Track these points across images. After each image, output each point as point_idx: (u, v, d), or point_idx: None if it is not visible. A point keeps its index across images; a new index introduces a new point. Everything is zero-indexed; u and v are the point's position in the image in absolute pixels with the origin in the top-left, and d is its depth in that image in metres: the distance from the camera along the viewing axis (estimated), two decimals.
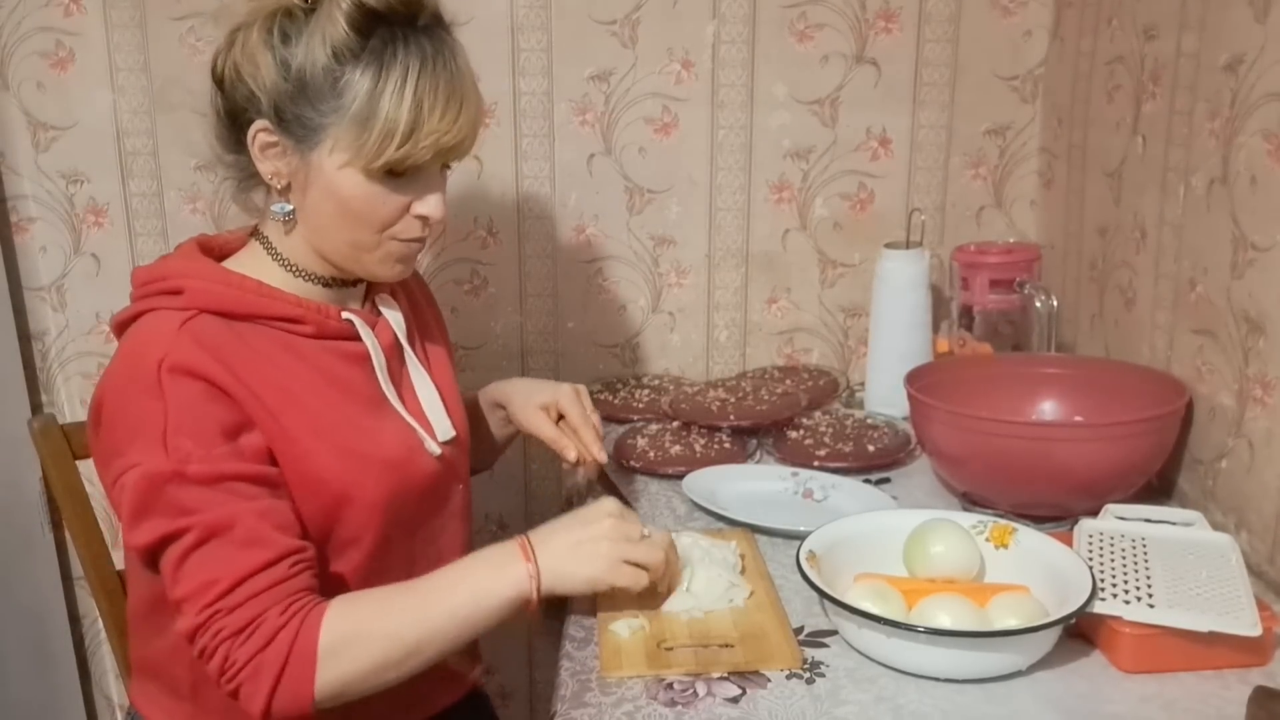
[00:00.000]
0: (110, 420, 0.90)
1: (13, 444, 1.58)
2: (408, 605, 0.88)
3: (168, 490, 0.85)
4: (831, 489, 1.26)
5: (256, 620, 0.84)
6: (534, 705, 1.86)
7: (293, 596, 0.86)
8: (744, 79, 1.60)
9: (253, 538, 0.85)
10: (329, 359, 1.00)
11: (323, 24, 0.90)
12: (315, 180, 0.94)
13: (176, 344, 0.89)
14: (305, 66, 0.90)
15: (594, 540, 0.92)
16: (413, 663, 0.88)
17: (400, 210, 0.96)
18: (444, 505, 1.08)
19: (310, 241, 0.99)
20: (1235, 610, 0.86)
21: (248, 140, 0.94)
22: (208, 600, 0.84)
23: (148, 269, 0.98)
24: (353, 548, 0.98)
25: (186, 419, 0.87)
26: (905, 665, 0.88)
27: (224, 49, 0.95)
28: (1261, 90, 1.04)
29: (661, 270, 1.68)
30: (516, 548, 0.91)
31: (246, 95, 0.93)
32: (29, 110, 1.60)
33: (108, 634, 1.26)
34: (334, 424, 0.97)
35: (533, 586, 0.89)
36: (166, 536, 0.86)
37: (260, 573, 0.85)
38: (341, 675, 0.84)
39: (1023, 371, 1.32)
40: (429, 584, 0.90)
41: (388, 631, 0.86)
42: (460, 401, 1.13)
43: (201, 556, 0.85)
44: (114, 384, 0.90)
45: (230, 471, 0.87)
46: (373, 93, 0.89)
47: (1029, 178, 1.64)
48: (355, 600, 0.89)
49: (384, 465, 0.99)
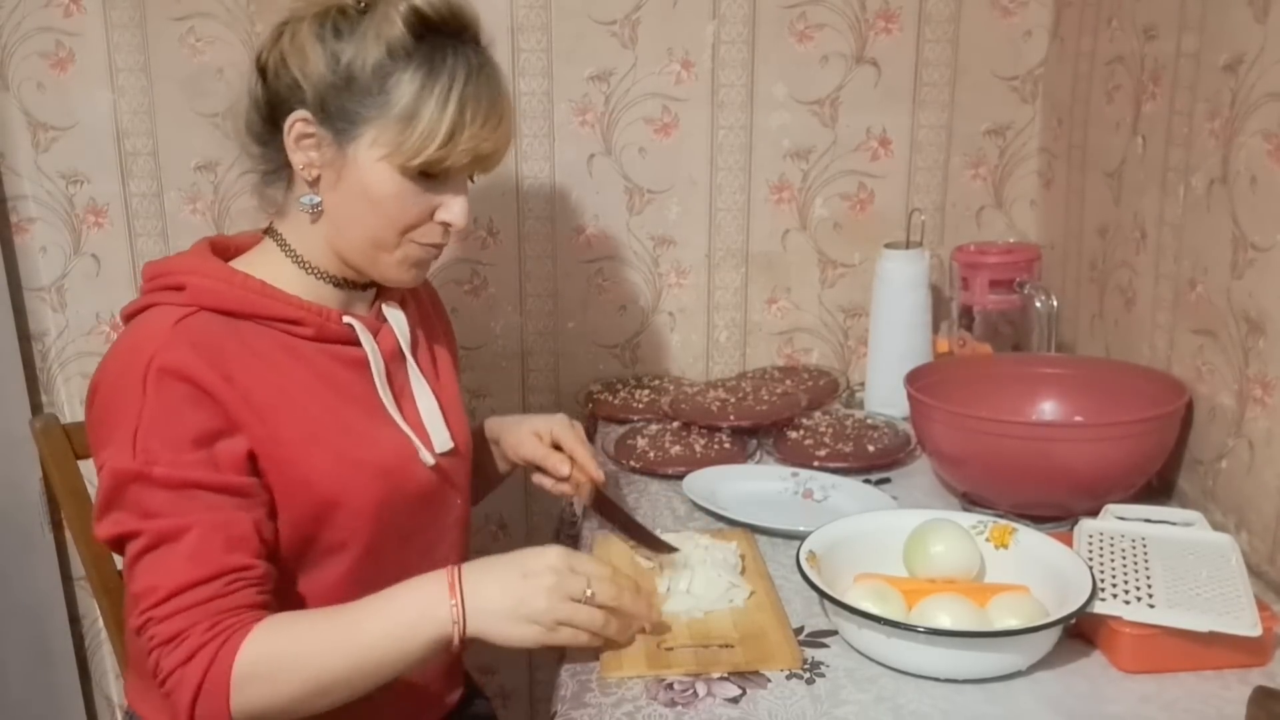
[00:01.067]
0: (98, 411, 0.91)
1: (13, 444, 1.58)
2: (329, 638, 0.86)
3: (131, 489, 0.87)
4: (831, 489, 1.26)
5: (182, 634, 0.85)
6: (534, 705, 1.86)
7: (221, 615, 0.86)
8: (744, 79, 1.60)
9: (197, 551, 0.86)
10: (327, 362, 1.00)
11: (378, 23, 0.93)
12: (348, 173, 0.96)
13: (169, 343, 0.90)
14: (355, 61, 0.93)
15: (530, 597, 0.86)
16: (333, 697, 0.86)
17: (425, 213, 0.98)
18: (441, 515, 1.08)
19: (330, 238, 1.00)
20: (1235, 610, 0.86)
21: (284, 130, 0.95)
22: (147, 605, 0.85)
23: (157, 264, 1.00)
24: (341, 552, 0.99)
25: (160, 421, 0.88)
26: (905, 665, 0.88)
27: (270, 41, 0.97)
28: (1261, 90, 1.04)
29: (661, 270, 1.68)
30: (445, 586, 0.87)
31: (290, 84, 0.95)
32: (29, 110, 1.60)
33: (108, 634, 1.26)
34: (327, 427, 0.97)
35: (455, 632, 0.86)
36: (123, 535, 0.88)
37: (195, 587, 0.85)
38: (257, 702, 0.84)
39: (1023, 371, 1.32)
40: (353, 615, 0.87)
41: (305, 663, 0.85)
42: (463, 413, 1.13)
43: (150, 561, 0.87)
44: (108, 376, 0.92)
45: (194, 479, 0.87)
46: (419, 93, 0.92)
47: (1029, 178, 1.64)
48: (279, 626, 0.87)
49: (375, 471, 0.99)
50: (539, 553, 0.89)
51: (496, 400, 1.72)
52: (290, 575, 0.97)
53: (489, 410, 1.72)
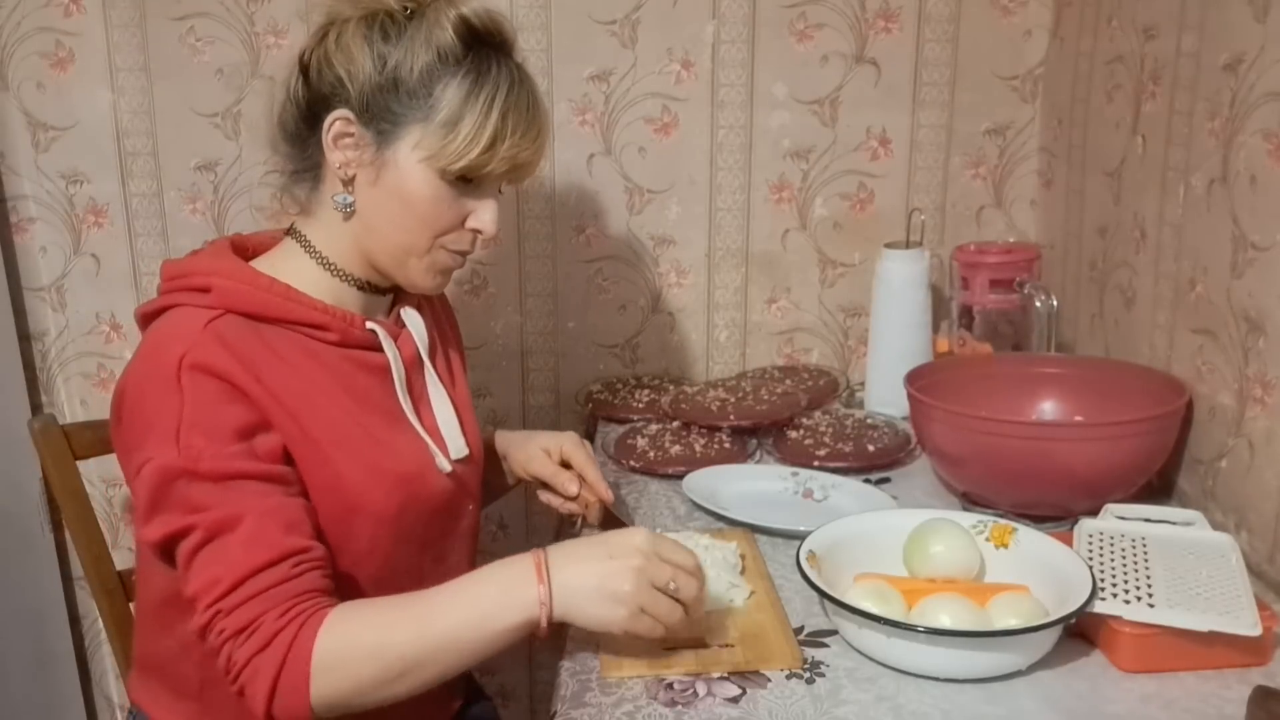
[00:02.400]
0: (130, 414, 0.90)
1: (13, 444, 1.58)
2: (410, 621, 0.84)
3: (178, 486, 0.86)
4: (831, 489, 1.26)
5: (255, 622, 0.83)
6: (534, 705, 1.86)
7: (293, 599, 0.84)
8: (744, 79, 1.60)
9: (256, 536, 0.85)
10: (350, 367, 1.00)
11: (428, 29, 0.94)
12: (387, 174, 0.96)
13: (199, 342, 0.89)
14: (403, 64, 0.94)
15: (617, 578, 0.84)
16: (413, 680, 0.84)
17: (458, 220, 1.00)
18: (455, 523, 1.08)
19: (360, 239, 1.00)
20: (1235, 610, 0.86)
21: (322, 128, 0.96)
22: (211, 599, 0.84)
23: (177, 264, 0.99)
24: (363, 560, 0.98)
25: (202, 416, 0.87)
26: (905, 665, 0.88)
27: (314, 41, 0.98)
28: (1261, 90, 1.04)
29: (661, 270, 1.68)
30: (531, 568, 0.85)
31: (333, 83, 0.96)
32: (29, 110, 1.60)
33: (108, 634, 1.26)
34: (350, 433, 0.97)
35: (543, 614, 0.84)
36: (175, 533, 0.86)
37: (261, 572, 0.84)
38: (337, 688, 0.82)
39: (1023, 371, 1.32)
40: (435, 599, 0.86)
41: (386, 647, 0.83)
42: (475, 418, 1.13)
43: (208, 554, 0.85)
44: (135, 378, 0.91)
45: (241, 469, 0.87)
46: (466, 100, 0.94)
47: (1029, 178, 1.64)
48: (357, 610, 0.86)
49: (396, 479, 0.99)
50: (627, 533, 0.88)
51: (497, 400, 1.72)
52: None
53: (489, 410, 1.72)
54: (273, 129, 1.02)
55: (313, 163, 1.00)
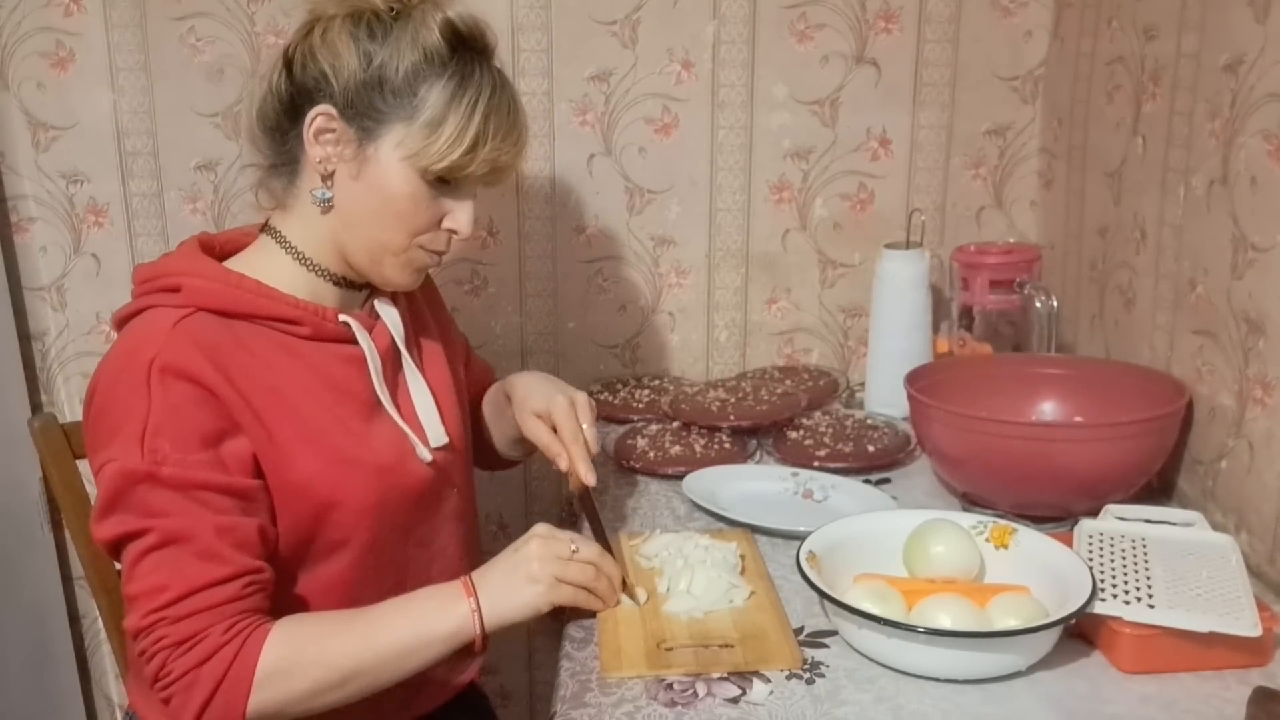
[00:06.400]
0: (98, 413, 0.91)
1: (13, 444, 1.58)
2: (350, 635, 0.90)
3: (139, 490, 0.87)
4: (831, 489, 1.26)
5: (199, 635, 0.85)
6: (534, 705, 1.86)
7: (239, 616, 0.87)
8: (744, 79, 1.60)
9: (210, 551, 0.87)
10: (325, 361, 1.00)
11: (415, 29, 0.95)
12: (367, 171, 0.97)
13: (169, 343, 0.90)
14: (388, 63, 0.95)
15: (524, 563, 0.94)
16: (348, 691, 0.89)
17: (435, 219, 1.00)
18: (436, 510, 1.08)
19: (337, 234, 1.00)
20: (1235, 611, 0.86)
21: (303, 123, 0.96)
22: (155, 605, 0.85)
23: (148, 266, 1.00)
24: (341, 550, 0.99)
25: (168, 421, 0.88)
26: (905, 665, 0.88)
27: (300, 35, 0.98)
28: (1261, 90, 1.04)
29: (661, 270, 1.68)
30: (459, 586, 0.94)
31: (317, 78, 0.96)
32: (29, 110, 1.60)
33: (108, 634, 1.26)
34: (325, 427, 0.97)
35: (475, 621, 0.91)
36: (128, 534, 0.87)
37: (212, 588, 0.86)
38: (275, 699, 0.86)
39: (1023, 371, 1.32)
40: (373, 615, 0.92)
41: (327, 660, 0.88)
42: (458, 406, 1.13)
43: (157, 560, 0.86)
44: (105, 377, 0.91)
45: (203, 480, 0.88)
46: (450, 102, 0.95)
47: (1029, 178, 1.64)
48: (299, 624, 0.90)
49: (374, 470, 0.99)
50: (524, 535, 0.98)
51: None
52: (291, 573, 0.97)
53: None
54: (251, 122, 1.02)
55: (290, 157, 1.00)
